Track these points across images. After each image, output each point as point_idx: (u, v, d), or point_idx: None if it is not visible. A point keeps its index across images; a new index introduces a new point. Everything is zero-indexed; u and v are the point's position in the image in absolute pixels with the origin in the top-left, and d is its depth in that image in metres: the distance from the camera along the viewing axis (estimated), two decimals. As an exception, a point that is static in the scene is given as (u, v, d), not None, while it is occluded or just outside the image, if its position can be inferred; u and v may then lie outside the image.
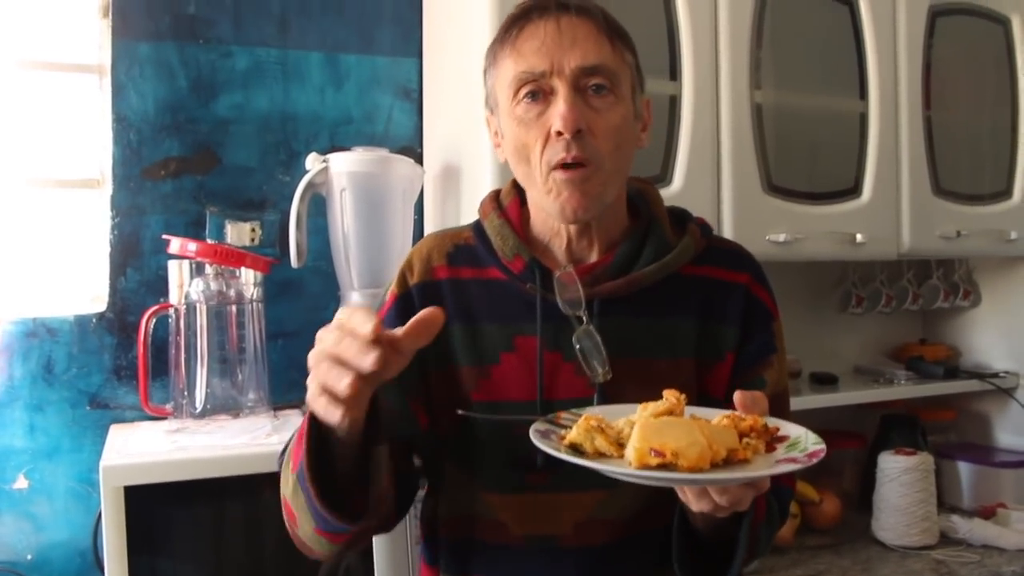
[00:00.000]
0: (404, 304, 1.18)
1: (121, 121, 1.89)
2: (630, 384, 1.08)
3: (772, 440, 0.92)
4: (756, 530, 1.08)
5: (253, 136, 1.99)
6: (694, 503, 0.91)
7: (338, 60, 2.06)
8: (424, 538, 1.26)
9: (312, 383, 0.88)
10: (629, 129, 1.13)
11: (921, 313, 2.72)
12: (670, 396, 0.96)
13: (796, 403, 1.29)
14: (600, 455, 0.90)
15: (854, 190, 2.11)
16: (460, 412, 1.11)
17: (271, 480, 1.48)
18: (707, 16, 1.88)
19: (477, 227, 1.22)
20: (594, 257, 1.17)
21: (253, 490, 1.48)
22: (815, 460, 0.85)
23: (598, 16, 1.11)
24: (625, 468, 0.86)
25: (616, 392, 1.08)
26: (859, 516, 2.28)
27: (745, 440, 0.89)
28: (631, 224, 1.21)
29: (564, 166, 1.07)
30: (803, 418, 0.97)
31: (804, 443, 0.90)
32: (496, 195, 1.25)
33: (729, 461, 0.86)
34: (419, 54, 2.13)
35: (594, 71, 1.08)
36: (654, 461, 0.84)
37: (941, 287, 2.56)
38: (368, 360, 0.84)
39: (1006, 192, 2.38)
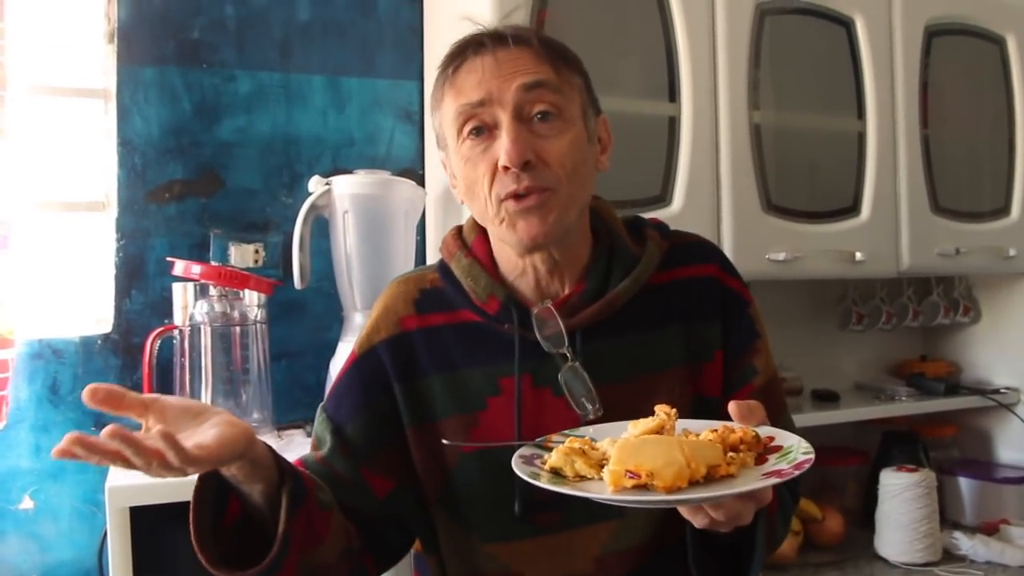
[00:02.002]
0: (366, 364, 1.14)
1: (126, 145, 1.91)
2: (623, 407, 1.04)
3: (765, 451, 0.90)
4: (772, 522, 1.07)
5: (256, 159, 2.01)
6: (692, 520, 0.89)
7: (340, 83, 2.08)
8: None
9: None
10: (583, 152, 1.08)
11: (921, 330, 2.73)
12: (661, 411, 0.94)
13: (798, 420, 1.28)
14: (581, 478, 0.88)
15: (853, 208, 2.13)
16: (445, 442, 1.08)
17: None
18: (705, 37, 1.90)
19: (443, 268, 1.17)
20: (566, 289, 1.13)
21: (257, 510, 1.49)
22: (800, 472, 0.83)
23: (537, 42, 1.07)
24: (599, 492, 0.84)
25: (614, 419, 1.04)
26: (862, 533, 2.27)
27: (730, 455, 0.87)
28: (593, 246, 1.16)
29: (516, 196, 1.03)
30: (805, 435, 0.95)
31: (795, 453, 0.87)
32: (458, 232, 1.21)
33: (711, 478, 0.84)
34: (420, 77, 2.15)
35: (535, 87, 1.04)
36: (629, 483, 0.82)
37: (941, 304, 2.57)
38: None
39: (1004, 209, 2.39)
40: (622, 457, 0.84)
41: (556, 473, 0.89)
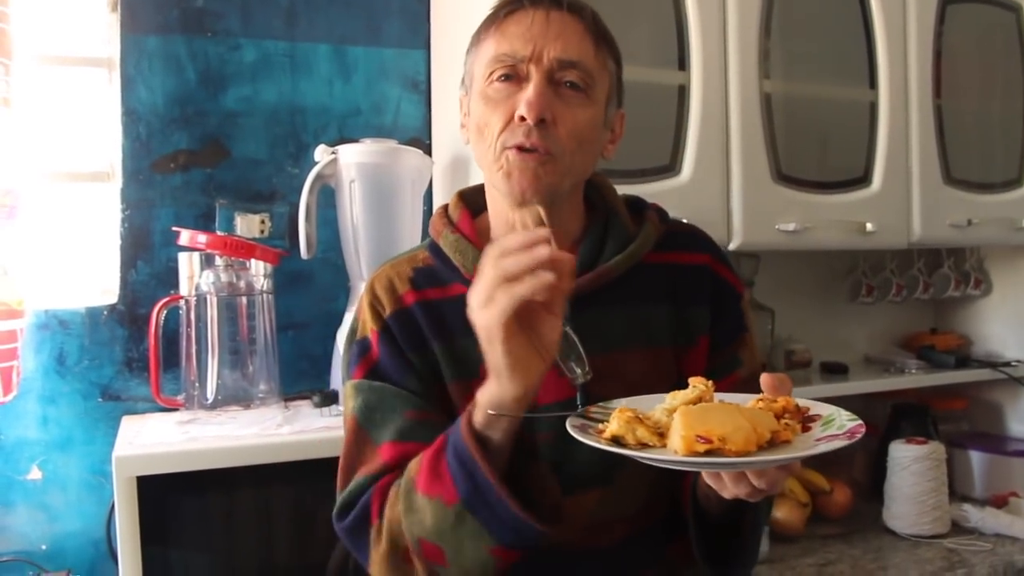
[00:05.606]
0: (389, 336, 1.15)
1: (130, 115, 1.89)
2: (611, 379, 1.06)
3: (805, 420, 0.93)
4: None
5: (262, 128, 1.99)
6: (730, 488, 0.91)
7: (346, 52, 2.06)
8: None
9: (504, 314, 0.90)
10: (595, 132, 1.11)
11: (932, 302, 2.71)
12: (697, 383, 0.95)
13: (807, 392, 1.28)
14: (643, 445, 0.90)
15: (864, 179, 2.10)
16: (491, 412, 1.06)
17: (281, 470, 1.50)
18: (716, 5, 1.87)
19: (432, 247, 1.20)
20: None
21: (264, 480, 1.50)
22: (857, 436, 0.85)
23: (589, 17, 1.10)
24: (672, 456, 0.86)
25: (598, 389, 1.05)
26: (870, 505, 2.27)
27: (783, 421, 0.89)
28: (588, 218, 1.19)
29: (520, 148, 1.06)
30: (815, 408, 0.97)
31: (839, 420, 0.90)
32: (444, 212, 1.23)
33: (772, 443, 0.86)
34: (427, 46, 2.13)
35: (571, 66, 1.07)
36: (701, 447, 0.84)
37: (952, 276, 2.55)
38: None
39: (1017, 180, 2.36)
40: (690, 423, 0.86)
41: (616, 441, 0.90)
